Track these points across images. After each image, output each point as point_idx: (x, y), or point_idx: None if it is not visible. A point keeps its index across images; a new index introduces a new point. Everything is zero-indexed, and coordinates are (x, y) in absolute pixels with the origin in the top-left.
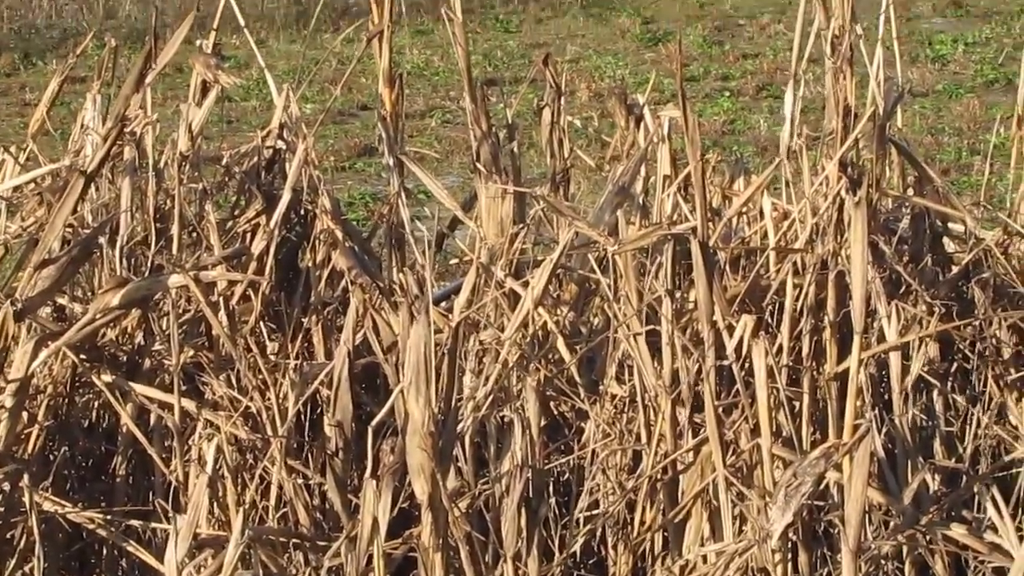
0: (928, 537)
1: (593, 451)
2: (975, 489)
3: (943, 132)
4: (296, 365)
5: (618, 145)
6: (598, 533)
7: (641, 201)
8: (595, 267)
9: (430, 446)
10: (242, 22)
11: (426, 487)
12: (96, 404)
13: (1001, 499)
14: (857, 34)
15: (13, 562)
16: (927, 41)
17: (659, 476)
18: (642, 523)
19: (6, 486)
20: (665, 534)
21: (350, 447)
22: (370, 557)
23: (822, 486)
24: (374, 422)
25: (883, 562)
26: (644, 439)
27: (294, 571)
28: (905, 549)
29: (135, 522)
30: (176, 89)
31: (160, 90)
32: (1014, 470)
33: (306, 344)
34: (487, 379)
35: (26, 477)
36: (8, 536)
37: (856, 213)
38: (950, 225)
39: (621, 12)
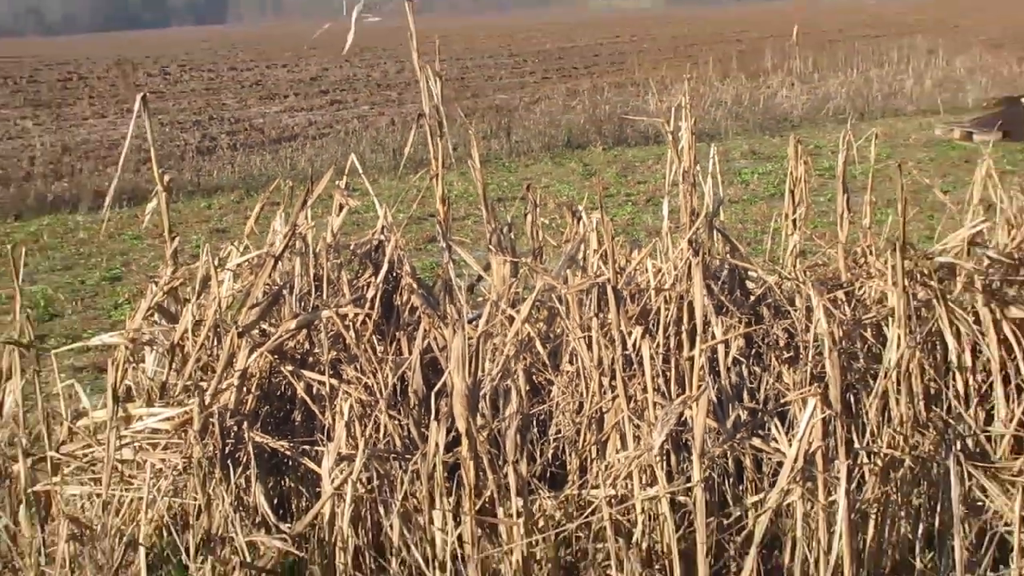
0: (741, 445)
1: (556, 403)
2: (766, 419)
3: (747, 222)
4: (392, 359)
5: (568, 234)
6: (562, 447)
7: (581, 263)
8: (556, 301)
9: (466, 403)
10: (360, 170)
11: (464, 424)
12: (283, 383)
13: (780, 424)
14: (696, 170)
15: (240, 470)
16: (738, 173)
17: (593, 416)
18: (585, 441)
19: (236, 428)
20: (597, 447)
21: (422, 403)
22: (434, 465)
23: (682, 419)
24: (435, 389)
25: (716, 460)
26: (585, 396)
27: (393, 473)
28: (728, 452)
29: (306, 447)
30: (328, 207)
31: (320, 209)
32: (787, 408)
33: (397, 347)
34: (497, 365)
35: (246, 424)
36: (238, 456)
37: (696, 269)
38: (750, 273)
39: (571, 160)
